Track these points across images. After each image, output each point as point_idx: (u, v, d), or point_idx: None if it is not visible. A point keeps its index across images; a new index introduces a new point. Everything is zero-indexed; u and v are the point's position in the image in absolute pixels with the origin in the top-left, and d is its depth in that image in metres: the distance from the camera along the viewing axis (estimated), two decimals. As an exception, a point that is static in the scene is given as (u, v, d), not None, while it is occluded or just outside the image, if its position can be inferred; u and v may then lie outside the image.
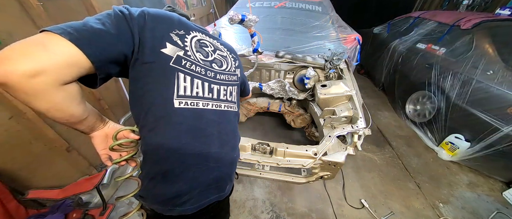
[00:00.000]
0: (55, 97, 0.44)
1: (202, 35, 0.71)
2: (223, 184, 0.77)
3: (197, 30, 0.71)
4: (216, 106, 0.69)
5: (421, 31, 3.09)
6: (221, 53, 0.76)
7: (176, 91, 0.60)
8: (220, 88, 0.71)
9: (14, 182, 1.35)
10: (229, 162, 0.77)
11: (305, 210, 1.74)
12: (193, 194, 0.68)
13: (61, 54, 0.42)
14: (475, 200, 1.91)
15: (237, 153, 0.83)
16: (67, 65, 0.43)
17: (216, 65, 0.72)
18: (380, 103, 3.43)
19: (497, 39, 2.12)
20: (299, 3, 2.49)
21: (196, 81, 0.64)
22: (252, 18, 1.34)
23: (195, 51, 0.66)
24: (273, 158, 1.34)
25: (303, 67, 1.83)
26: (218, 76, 0.70)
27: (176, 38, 0.62)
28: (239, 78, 0.82)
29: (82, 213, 1.49)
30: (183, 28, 0.65)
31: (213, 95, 0.69)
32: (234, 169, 0.83)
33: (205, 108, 0.66)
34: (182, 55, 0.61)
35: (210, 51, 0.71)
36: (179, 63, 0.61)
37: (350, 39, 2.04)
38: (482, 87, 1.94)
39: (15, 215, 1.28)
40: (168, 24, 0.62)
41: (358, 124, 1.34)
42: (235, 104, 0.78)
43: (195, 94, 0.64)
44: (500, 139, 1.80)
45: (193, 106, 0.63)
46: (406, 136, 2.66)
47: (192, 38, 0.67)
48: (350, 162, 2.20)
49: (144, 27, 0.56)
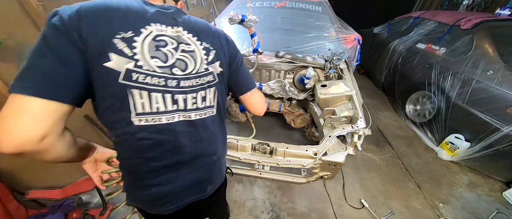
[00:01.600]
0: (59, 149, 0.51)
1: (159, 28, 0.56)
2: (203, 186, 0.74)
3: (151, 20, 0.55)
4: (184, 117, 0.62)
5: (421, 31, 3.09)
6: (186, 48, 0.60)
7: (134, 110, 0.53)
8: (187, 97, 0.61)
9: (14, 182, 1.35)
10: (207, 166, 0.73)
11: (305, 210, 1.74)
12: (170, 197, 0.68)
13: (43, 113, 0.44)
14: (475, 200, 1.91)
15: (218, 155, 0.76)
16: (56, 118, 0.46)
17: (179, 69, 0.59)
18: (380, 103, 3.43)
19: (497, 39, 2.12)
20: (299, 3, 2.49)
21: (155, 96, 0.55)
22: (252, 18, 1.34)
23: (150, 57, 0.53)
24: (273, 158, 1.34)
25: (303, 67, 1.83)
26: (182, 84, 0.59)
27: (121, 45, 0.49)
28: (218, 76, 0.68)
29: (82, 213, 1.49)
30: (131, 26, 0.51)
31: (179, 106, 0.60)
32: (215, 171, 0.78)
33: (170, 122, 0.59)
34: (132, 68, 0.51)
35: (170, 51, 0.57)
36: (130, 78, 0.51)
37: (350, 39, 2.04)
38: (482, 87, 1.94)
39: (15, 215, 1.28)
40: (111, 25, 0.49)
41: (358, 124, 1.34)
42: (212, 108, 0.69)
43: (155, 110, 0.56)
44: (500, 139, 1.80)
45: (156, 122, 0.57)
46: (406, 136, 2.66)
47: (144, 38, 0.53)
48: (350, 162, 2.20)
49: (81, 37, 0.46)
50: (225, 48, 0.70)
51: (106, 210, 1.56)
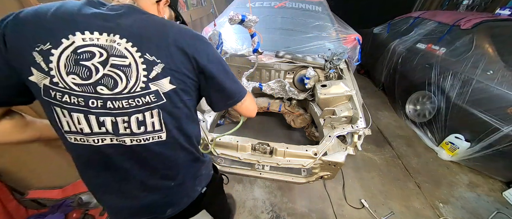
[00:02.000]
0: None
1: (87, 36, 0.46)
2: (159, 210, 0.68)
3: (83, 27, 0.46)
4: (117, 141, 0.53)
5: (421, 31, 3.09)
6: (118, 61, 0.48)
7: (61, 127, 0.50)
8: (117, 120, 0.50)
9: (14, 182, 1.35)
10: (163, 191, 0.66)
11: (305, 210, 1.74)
12: (121, 215, 0.67)
13: None
14: (475, 200, 1.91)
15: (178, 180, 0.67)
16: None
17: (106, 87, 0.48)
18: (380, 103, 3.43)
19: (497, 39, 2.12)
20: (299, 3, 2.49)
21: (76, 116, 0.48)
22: (252, 18, 1.34)
23: (66, 74, 0.45)
24: (273, 158, 1.34)
25: (303, 67, 1.83)
26: (109, 105, 0.49)
27: (39, 58, 0.44)
28: (166, 95, 0.53)
29: (82, 213, 1.49)
30: (50, 37, 0.44)
31: (107, 130, 0.51)
32: (177, 196, 0.70)
33: (101, 144, 0.52)
34: (48, 84, 0.45)
35: (94, 66, 0.47)
36: (48, 95, 0.46)
37: (350, 39, 2.04)
38: (482, 87, 1.94)
39: (15, 215, 1.28)
40: (32, 35, 0.44)
41: (358, 124, 1.34)
42: (158, 132, 0.55)
43: (80, 131, 0.50)
44: (500, 139, 1.80)
45: (84, 143, 0.52)
46: (406, 136, 2.66)
47: (62, 51, 0.45)
48: (350, 162, 2.20)
49: (7, 47, 0.43)
50: (188, 58, 0.53)
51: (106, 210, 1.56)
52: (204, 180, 0.79)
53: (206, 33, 2.15)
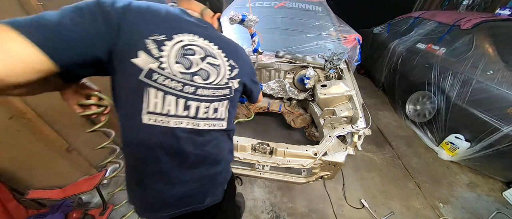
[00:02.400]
0: (15, 93, 0.44)
1: (192, 38, 0.59)
2: (200, 198, 0.73)
3: (186, 30, 0.59)
4: (192, 125, 0.62)
5: (421, 31, 3.09)
6: (212, 61, 0.63)
7: (146, 107, 0.55)
8: (200, 106, 0.62)
9: (14, 182, 1.35)
10: (209, 176, 0.73)
11: (305, 210, 1.74)
12: (164, 204, 0.68)
13: (24, 60, 0.37)
14: (475, 200, 1.91)
15: (221, 168, 0.76)
16: (31, 71, 0.39)
17: (200, 78, 0.61)
18: (380, 103, 3.43)
19: (497, 39, 2.11)
20: (299, 3, 2.49)
21: (169, 98, 0.57)
22: (253, 18, 1.34)
23: (174, 62, 0.56)
24: (273, 158, 1.34)
25: (303, 67, 1.83)
26: (199, 92, 0.61)
27: (152, 45, 0.52)
28: (234, 91, 0.70)
29: (82, 213, 1.49)
30: (165, 31, 0.54)
31: (190, 113, 0.61)
32: (216, 184, 0.77)
33: (177, 126, 0.60)
34: (154, 69, 0.53)
35: (196, 60, 0.60)
36: (150, 77, 0.53)
37: (350, 39, 2.04)
38: (482, 87, 1.94)
39: (15, 215, 1.28)
40: (149, 25, 0.53)
41: (358, 124, 1.34)
42: (222, 121, 0.70)
43: (166, 112, 0.57)
44: (500, 139, 1.80)
45: (163, 124, 0.58)
46: (406, 136, 2.66)
47: (174, 44, 0.56)
48: (350, 162, 2.20)
49: (122, 27, 0.48)
50: (248, 70, 0.77)
51: (106, 210, 1.56)
52: (229, 175, 0.87)
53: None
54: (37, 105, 1.42)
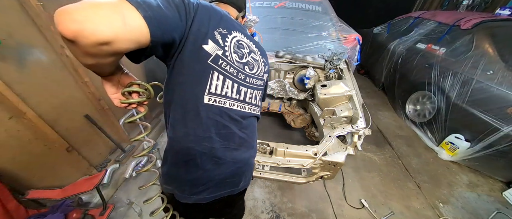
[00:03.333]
0: (105, 61, 0.46)
1: (241, 36, 0.72)
2: (237, 180, 0.80)
3: (238, 29, 0.71)
4: (241, 108, 0.73)
5: (421, 31, 3.09)
6: (254, 56, 0.77)
7: (208, 88, 0.63)
8: (247, 91, 0.74)
9: (14, 182, 1.35)
10: (245, 159, 0.80)
11: (305, 210, 1.74)
12: (210, 185, 0.73)
13: (134, 31, 0.42)
14: (475, 200, 1.91)
15: (253, 152, 0.86)
16: (133, 41, 0.43)
17: (248, 68, 0.73)
18: (380, 103, 3.43)
19: (497, 39, 2.12)
20: (299, 3, 2.49)
21: (227, 82, 0.67)
22: (252, 18, 1.34)
23: (233, 52, 0.67)
24: (273, 158, 1.34)
25: (303, 67, 1.83)
26: (247, 79, 0.73)
27: (218, 36, 0.63)
28: (264, 83, 0.84)
29: (82, 213, 1.49)
30: (226, 27, 0.66)
31: (240, 96, 0.72)
32: (249, 167, 0.86)
33: (231, 107, 0.70)
34: (220, 55, 0.63)
35: (245, 53, 0.72)
36: (216, 62, 0.62)
37: (350, 39, 2.04)
38: (482, 87, 1.94)
39: (15, 215, 1.28)
40: (215, 21, 0.62)
41: (358, 124, 1.34)
42: (258, 107, 0.82)
43: (224, 94, 0.67)
44: (500, 139, 1.80)
45: (220, 105, 0.67)
46: (406, 136, 2.66)
47: (233, 38, 0.68)
48: (350, 162, 2.20)
49: (194, 19, 0.57)
50: (268, 68, 0.90)
51: (106, 210, 1.56)
52: (251, 167, 0.92)
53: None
54: (37, 105, 1.42)
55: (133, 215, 1.65)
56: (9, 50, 1.26)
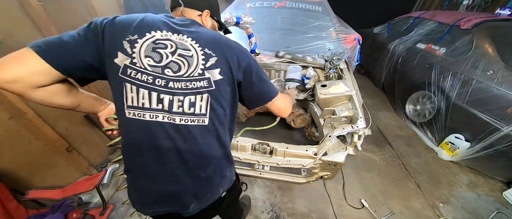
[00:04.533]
0: (36, 96, 0.56)
1: (164, 33, 0.62)
2: (184, 201, 0.71)
3: (161, 28, 0.63)
4: (168, 119, 0.64)
5: (421, 31, 3.09)
6: (183, 52, 0.63)
7: (125, 102, 0.61)
8: (173, 99, 0.63)
9: (14, 182, 1.35)
10: (191, 180, 0.70)
11: (305, 210, 1.74)
12: (148, 199, 0.71)
13: (31, 66, 0.53)
14: (475, 200, 1.91)
15: (208, 172, 0.72)
16: (37, 73, 0.54)
17: (171, 70, 0.62)
18: (380, 103, 3.43)
19: (497, 39, 2.11)
20: (299, 3, 2.49)
21: (142, 92, 0.61)
22: (248, 20, 1.34)
23: (143, 56, 0.60)
24: (273, 158, 1.34)
25: (303, 67, 1.83)
26: (170, 85, 0.62)
27: (127, 45, 0.59)
28: (215, 83, 0.65)
29: (82, 213, 1.49)
30: (138, 32, 0.60)
31: (164, 106, 0.62)
32: (203, 189, 0.74)
33: (153, 120, 0.62)
34: (128, 64, 0.59)
35: (166, 53, 0.62)
36: (125, 73, 0.59)
37: (350, 39, 2.04)
38: (482, 87, 1.94)
39: (15, 215, 1.28)
40: (125, 30, 0.60)
41: (358, 124, 1.34)
42: (202, 116, 0.66)
43: (140, 105, 0.61)
44: (500, 139, 1.80)
45: (140, 118, 0.62)
46: (406, 136, 2.66)
47: (145, 41, 0.60)
48: (350, 162, 2.20)
49: (104, 37, 0.58)
50: (233, 59, 0.68)
51: (106, 210, 1.56)
52: (227, 183, 0.83)
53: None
54: (37, 105, 1.42)
55: (133, 215, 1.65)
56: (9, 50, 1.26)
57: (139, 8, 2.14)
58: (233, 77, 0.69)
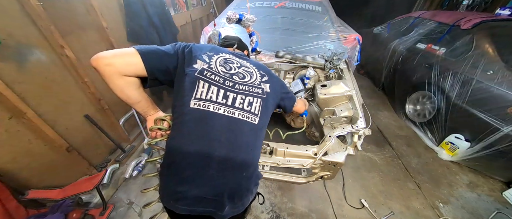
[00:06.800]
0: (118, 81, 0.70)
1: (230, 56, 0.88)
2: (222, 200, 0.74)
3: (227, 52, 0.89)
4: (228, 113, 0.75)
5: (421, 31, 3.09)
6: (246, 69, 0.87)
7: (195, 95, 0.74)
8: (237, 97, 0.78)
9: (14, 182, 1.35)
10: (232, 177, 0.75)
11: (305, 210, 1.74)
12: (188, 194, 0.72)
13: (127, 59, 0.70)
14: (475, 200, 1.91)
15: (248, 171, 0.78)
16: (128, 65, 0.70)
17: (237, 77, 0.82)
18: (380, 103, 3.43)
19: (497, 39, 2.11)
20: (299, 3, 2.49)
21: (212, 88, 0.76)
22: (250, 17, 1.34)
23: (218, 65, 0.81)
24: (273, 158, 1.34)
25: (303, 67, 1.83)
26: (237, 86, 0.80)
27: (205, 57, 0.81)
28: (266, 93, 0.85)
29: (82, 213, 1.49)
30: (214, 51, 0.85)
31: (227, 101, 0.76)
32: (239, 190, 0.78)
33: (215, 111, 0.73)
34: (205, 68, 0.78)
35: (234, 67, 0.85)
36: (202, 73, 0.76)
37: (350, 39, 2.04)
38: (482, 87, 1.94)
39: (15, 215, 1.28)
40: (202, 50, 0.84)
41: (358, 124, 1.34)
42: (255, 116, 0.79)
43: (208, 98, 0.74)
44: (500, 139, 1.80)
45: (204, 108, 0.73)
46: (406, 136, 2.66)
47: (219, 56, 0.85)
48: (350, 162, 2.20)
49: (185, 52, 0.80)
50: (276, 83, 0.94)
51: (106, 210, 1.56)
52: (254, 194, 0.88)
53: (206, 33, 2.15)
54: (37, 105, 1.42)
55: (133, 215, 1.65)
56: (9, 50, 1.26)
57: (139, 8, 2.14)
58: (276, 96, 0.92)
